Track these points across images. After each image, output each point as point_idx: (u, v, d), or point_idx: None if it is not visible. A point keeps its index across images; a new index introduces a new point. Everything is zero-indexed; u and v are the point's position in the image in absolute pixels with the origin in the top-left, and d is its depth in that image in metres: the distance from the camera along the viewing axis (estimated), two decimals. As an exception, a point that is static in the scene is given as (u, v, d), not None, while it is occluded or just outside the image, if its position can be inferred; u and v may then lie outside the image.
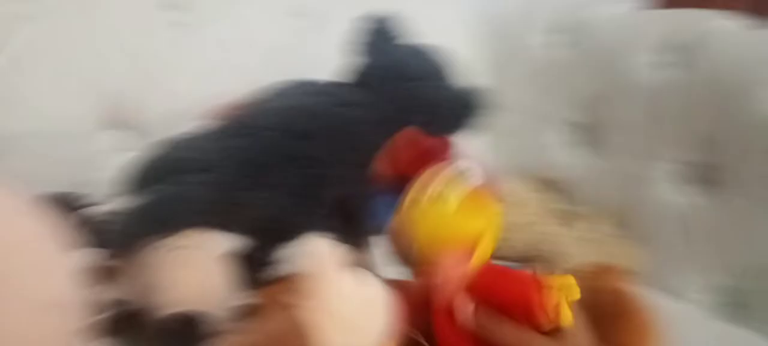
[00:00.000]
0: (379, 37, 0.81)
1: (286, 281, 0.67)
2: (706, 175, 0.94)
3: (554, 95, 1.16)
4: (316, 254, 0.51)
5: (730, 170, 0.90)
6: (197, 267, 0.57)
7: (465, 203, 0.50)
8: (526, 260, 0.90)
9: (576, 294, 0.50)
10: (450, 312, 0.50)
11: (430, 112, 0.78)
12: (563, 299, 0.49)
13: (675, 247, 0.95)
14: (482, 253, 0.51)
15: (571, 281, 0.51)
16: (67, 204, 0.64)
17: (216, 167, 0.63)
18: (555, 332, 0.48)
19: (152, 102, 0.86)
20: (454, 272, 0.50)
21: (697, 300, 0.92)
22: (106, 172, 0.68)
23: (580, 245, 0.95)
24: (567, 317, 0.48)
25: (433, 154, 0.55)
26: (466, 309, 0.50)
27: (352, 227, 0.73)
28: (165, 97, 0.87)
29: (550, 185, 1.11)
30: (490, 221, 0.52)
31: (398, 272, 0.81)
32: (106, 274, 0.57)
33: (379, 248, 0.77)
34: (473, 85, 0.84)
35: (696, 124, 0.94)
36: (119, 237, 0.53)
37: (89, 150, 0.75)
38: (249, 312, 0.65)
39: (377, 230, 0.81)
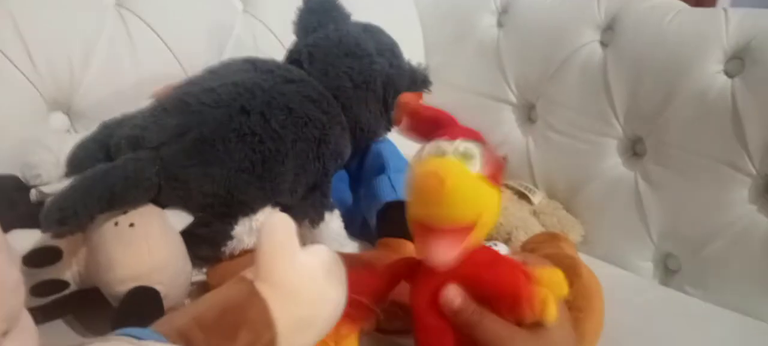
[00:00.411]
0: (324, 16, 0.81)
1: (235, 259, 0.68)
2: (641, 148, 0.98)
3: (502, 74, 1.18)
4: (269, 228, 0.49)
5: (660, 143, 0.94)
6: (147, 244, 0.57)
7: (469, 182, 0.46)
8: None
9: (564, 290, 0.49)
10: (433, 294, 0.48)
11: (380, 90, 0.79)
12: (551, 295, 0.48)
13: (617, 218, 0.99)
14: (477, 236, 0.48)
15: (560, 277, 0.50)
16: (13, 186, 0.63)
17: (163, 145, 0.62)
18: (536, 325, 0.46)
19: (96, 84, 0.84)
20: (447, 255, 0.47)
21: (639, 267, 0.96)
22: (52, 154, 0.66)
23: (531, 218, 0.97)
24: (552, 314, 0.47)
25: (442, 124, 0.53)
26: (453, 296, 0.48)
27: (312, 201, 0.73)
28: (108, 79, 0.85)
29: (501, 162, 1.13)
30: (490, 205, 0.48)
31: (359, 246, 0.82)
32: (54, 254, 0.56)
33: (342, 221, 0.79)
34: (420, 64, 0.85)
35: (630, 99, 0.98)
36: (67, 216, 0.52)
37: (36, 132, 0.73)
38: (202, 288, 0.66)
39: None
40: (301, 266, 0.50)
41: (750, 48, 0.86)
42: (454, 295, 0.47)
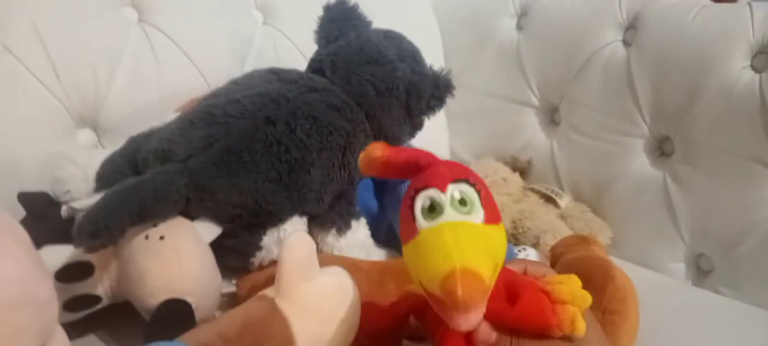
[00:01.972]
0: (345, 24, 0.81)
1: (263, 270, 0.68)
2: (669, 148, 0.97)
3: (523, 77, 1.17)
4: (290, 247, 0.50)
5: (688, 141, 0.93)
6: (177, 256, 0.57)
7: (481, 247, 0.43)
8: (509, 237, 0.92)
9: (588, 301, 0.48)
10: (467, 336, 0.46)
11: (402, 97, 0.78)
12: (577, 311, 0.46)
13: (646, 219, 0.98)
14: (495, 279, 0.45)
15: (580, 285, 0.49)
16: (43, 202, 0.64)
17: (191, 157, 0.62)
18: (568, 338, 0.45)
19: (121, 100, 0.85)
20: (475, 320, 0.44)
21: (671, 269, 0.95)
22: (80, 170, 0.66)
23: (558, 222, 0.96)
24: (581, 329, 0.46)
25: (421, 165, 0.51)
26: (488, 335, 0.45)
27: (338, 209, 0.73)
28: (133, 94, 0.86)
29: (525, 166, 1.13)
30: (501, 248, 0.46)
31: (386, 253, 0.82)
32: (86, 269, 0.56)
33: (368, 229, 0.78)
34: (442, 69, 0.84)
35: (656, 98, 0.97)
36: (98, 230, 0.52)
37: (64, 149, 0.73)
38: (232, 299, 0.66)
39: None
40: (319, 285, 0.51)
41: (777, 42, 0.85)
42: (488, 333, 0.46)
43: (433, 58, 0.92)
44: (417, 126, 0.83)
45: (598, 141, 1.05)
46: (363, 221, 0.77)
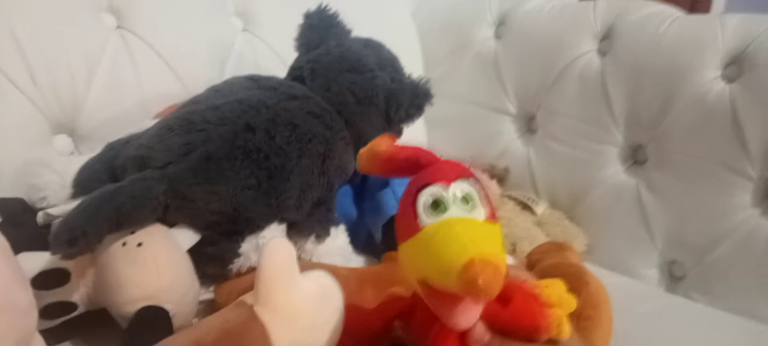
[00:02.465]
0: (325, 32, 0.81)
1: (242, 277, 0.68)
2: (642, 156, 0.99)
3: (501, 86, 1.18)
4: (269, 253, 0.49)
5: (661, 150, 0.95)
6: (155, 263, 0.56)
7: (491, 240, 0.43)
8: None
9: (573, 304, 0.48)
10: (462, 334, 0.46)
11: (382, 105, 0.79)
12: (564, 315, 0.47)
13: (620, 226, 1.00)
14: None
15: (565, 290, 0.49)
16: (19, 208, 0.63)
17: (169, 164, 0.62)
18: (552, 342, 0.45)
19: (99, 106, 0.84)
20: (475, 317, 0.44)
21: (644, 275, 0.96)
22: (57, 176, 0.66)
23: (535, 229, 0.98)
24: (567, 332, 0.46)
25: (422, 163, 0.50)
26: (482, 338, 0.45)
27: (318, 216, 0.73)
28: (111, 100, 0.85)
29: (503, 173, 1.14)
30: (501, 244, 0.45)
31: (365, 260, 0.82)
32: (62, 276, 0.56)
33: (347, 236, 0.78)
34: (421, 78, 0.85)
35: (630, 107, 0.98)
36: (75, 237, 0.52)
37: (40, 155, 0.73)
38: (210, 306, 0.65)
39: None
40: (300, 291, 0.50)
41: (747, 53, 0.87)
42: (482, 333, 0.46)
43: (413, 65, 0.93)
44: (396, 134, 0.84)
45: (574, 149, 1.06)
46: (342, 227, 0.78)
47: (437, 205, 0.45)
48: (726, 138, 0.87)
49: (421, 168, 0.49)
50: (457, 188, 0.46)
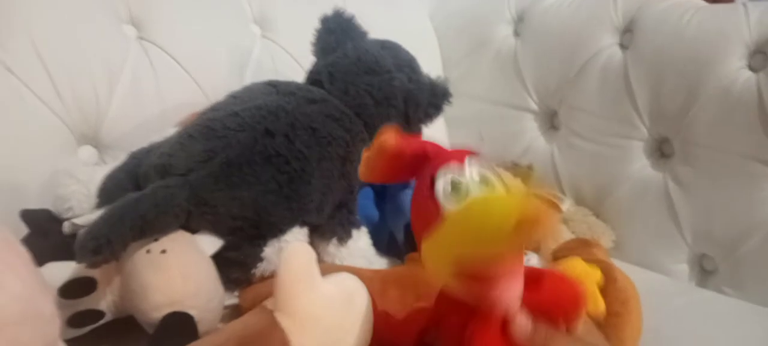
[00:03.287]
0: (342, 35, 0.81)
1: (265, 281, 0.68)
2: (668, 149, 0.97)
3: (521, 83, 1.17)
4: (287, 258, 0.49)
5: (687, 143, 0.93)
6: (179, 269, 0.57)
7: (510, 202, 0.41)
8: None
9: (598, 276, 0.47)
10: (503, 326, 0.44)
11: (400, 105, 0.79)
12: (596, 287, 0.46)
13: (648, 221, 0.98)
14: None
15: (584, 264, 0.48)
16: (45, 219, 0.64)
17: (191, 171, 0.63)
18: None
19: (122, 116, 0.86)
20: (516, 286, 0.43)
21: (674, 270, 0.95)
22: (82, 186, 0.67)
23: (560, 226, 0.96)
24: (602, 303, 0.45)
25: (430, 155, 0.49)
26: (526, 325, 0.44)
27: (339, 219, 0.73)
28: (134, 109, 0.87)
29: (526, 171, 1.13)
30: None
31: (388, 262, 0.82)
32: (89, 284, 0.57)
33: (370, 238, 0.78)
34: (439, 77, 0.85)
35: (654, 100, 0.97)
36: (100, 245, 0.53)
37: (65, 166, 0.74)
38: (234, 311, 0.66)
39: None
40: (320, 295, 0.50)
41: (774, 41, 0.85)
42: (525, 323, 0.44)
43: (432, 66, 0.93)
44: (416, 133, 0.84)
45: (598, 145, 1.05)
46: (364, 229, 0.78)
47: (457, 188, 0.43)
48: (754, 128, 0.85)
49: (429, 160, 0.48)
50: (473, 170, 0.44)
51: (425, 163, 0.48)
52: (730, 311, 0.81)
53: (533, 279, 0.45)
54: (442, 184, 0.44)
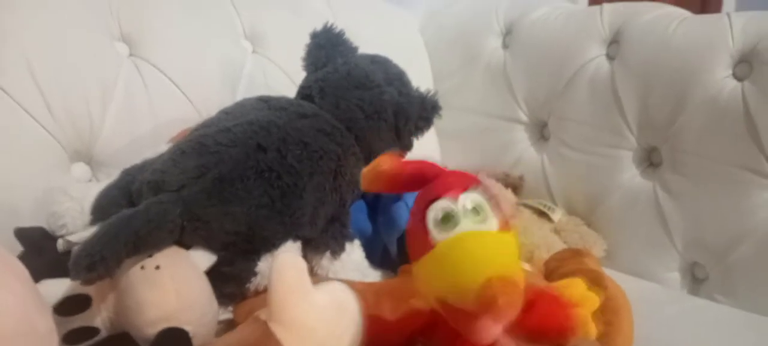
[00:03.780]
0: (332, 50, 0.82)
1: (259, 295, 0.68)
2: (657, 158, 0.98)
3: (511, 95, 1.18)
4: (279, 268, 0.49)
5: (676, 151, 0.94)
6: (173, 285, 0.57)
7: (506, 252, 0.43)
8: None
9: (596, 302, 0.48)
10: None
11: (391, 119, 0.80)
12: (588, 313, 0.46)
13: (639, 230, 0.99)
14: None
15: (585, 288, 0.49)
16: (40, 236, 0.64)
17: (184, 187, 0.63)
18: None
19: (115, 133, 0.86)
20: (499, 330, 0.43)
21: (666, 279, 0.95)
22: (76, 203, 0.67)
23: (552, 236, 0.97)
24: (593, 331, 0.46)
25: (428, 176, 0.49)
26: None
27: (332, 232, 0.74)
28: (126, 127, 0.87)
29: (517, 182, 1.14)
30: (517, 252, 0.45)
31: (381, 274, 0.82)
32: (84, 301, 0.57)
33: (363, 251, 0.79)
34: (429, 91, 0.86)
35: (642, 110, 0.98)
36: (95, 262, 0.53)
37: (59, 183, 0.74)
38: (229, 326, 0.66)
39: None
40: (313, 304, 0.50)
41: (757, 50, 0.87)
42: (508, 343, 0.45)
43: (422, 80, 0.94)
44: (406, 147, 0.84)
45: (588, 155, 1.06)
46: (357, 242, 0.78)
47: (448, 219, 0.44)
48: (741, 136, 0.86)
49: (427, 181, 0.48)
50: (467, 199, 0.45)
51: (423, 183, 0.49)
52: (722, 318, 0.82)
53: (527, 300, 0.45)
54: (433, 213, 0.45)
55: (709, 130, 0.90)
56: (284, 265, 0.49)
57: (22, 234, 0.64)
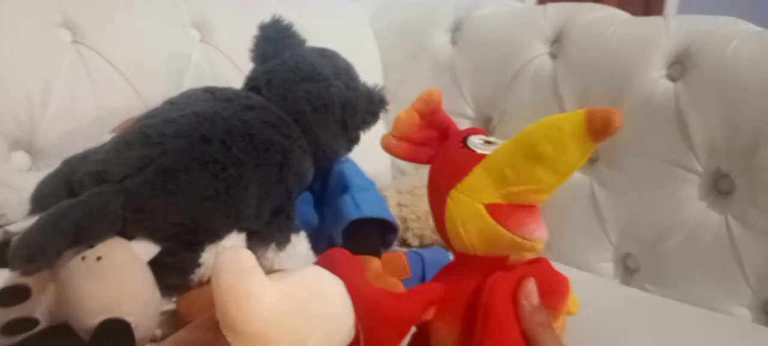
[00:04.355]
0: (280, 43, 0.83)
1: (204, 287, 0.68)
2: (594, 154, 1.02)
3: (458, 90, 1.21)
4: (218, 270, 0.42)
5: (612, 148, 0.99)
6: (115, 276, 0.57)
7: None
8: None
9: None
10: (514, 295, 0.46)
11: (338, 112, 0.81)
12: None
13: (576, 223, 1.03)
14: None
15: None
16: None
17: (127, 178, 0.62)
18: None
19: (56, 121, 0.84)
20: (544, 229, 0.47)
21: (600, 269, 1.00)
22: (15, 193, 0.66)
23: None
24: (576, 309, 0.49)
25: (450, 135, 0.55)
26: (534, 292, 0.46)
27: (277, 224, 0.74)
28: (68, 115, 0.85)
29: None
30: None
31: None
32: (23, 292, 0.56)
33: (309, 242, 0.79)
34: (376, 86, 0.87)
35: (581, 107, 1.00)
36: (34, 253, 0.52)
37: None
38: (171, 317, 0.66)
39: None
40: (265, 307, 0.43)
41: (689, 52, 0.91)
42: (533, 290, 0.46)
43: (372, 72, 0.95)
44: (353, 140, 0.86)
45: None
46: (303, 234, 0.78)
47: (488, 143, 0.49)
48: (672, 135, 0.90)
49: (449, 136, 0.54)
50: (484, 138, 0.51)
51: (441, 136, 0.55)
52: (652, 306, 0.86)
53: (529, 262, 0.50)
54: (475, 139, 0.50)
55: (643, 128, 0.94)
56: (221, 268, 0.42)
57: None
